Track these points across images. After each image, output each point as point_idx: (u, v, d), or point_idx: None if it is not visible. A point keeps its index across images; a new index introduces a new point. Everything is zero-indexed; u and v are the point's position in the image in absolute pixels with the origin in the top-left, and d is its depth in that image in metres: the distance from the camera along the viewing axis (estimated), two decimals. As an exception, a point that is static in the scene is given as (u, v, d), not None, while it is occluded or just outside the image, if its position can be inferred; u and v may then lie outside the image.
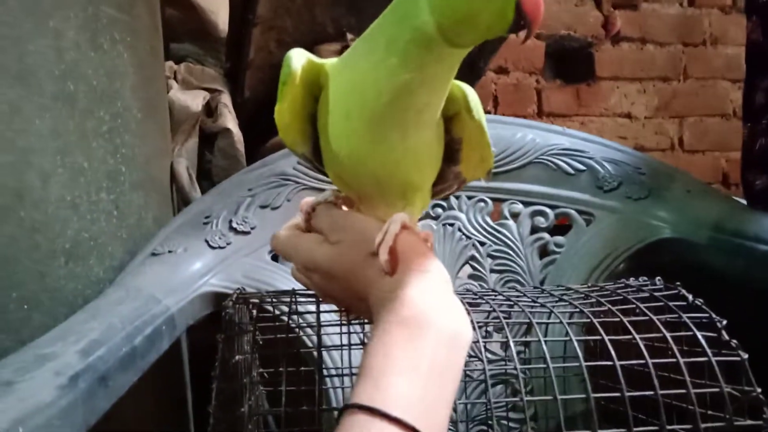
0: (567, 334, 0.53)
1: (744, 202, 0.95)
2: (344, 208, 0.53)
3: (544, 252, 0.91)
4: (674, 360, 0.47)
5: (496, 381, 0.85)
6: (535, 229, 0.92)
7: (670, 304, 0.52)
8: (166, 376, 0.98)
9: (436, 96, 0.46)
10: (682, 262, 0.85)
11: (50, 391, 0.50)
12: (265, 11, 1.20)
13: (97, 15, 0.85)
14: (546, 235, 0.91)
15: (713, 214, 0.84)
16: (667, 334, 0.47)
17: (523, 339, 0.81)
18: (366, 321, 0.64)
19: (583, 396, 0.49)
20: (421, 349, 0.39)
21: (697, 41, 2.21)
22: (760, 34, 0.98)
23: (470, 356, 0.77)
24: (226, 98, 1.29)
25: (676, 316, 0.51)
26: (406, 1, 0.44)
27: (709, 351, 0.47)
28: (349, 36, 1.28)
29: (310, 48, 1.33)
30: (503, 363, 0.82)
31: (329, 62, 0.50)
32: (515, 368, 0.54)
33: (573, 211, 0.92)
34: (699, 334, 0.48)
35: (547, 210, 0.92)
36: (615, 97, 2.12)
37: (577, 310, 0.53)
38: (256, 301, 0.66)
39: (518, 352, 0.86)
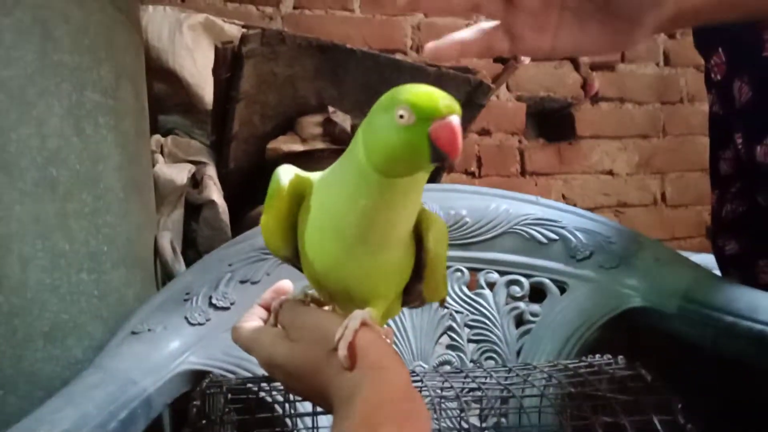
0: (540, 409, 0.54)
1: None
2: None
3: (520, 321, 0.92)
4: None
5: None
6: (510, 299, 0.94)
7: (630, 385, 0.54)
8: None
9: (399, 218, 0.49)
10: (652, 330, 0.86)
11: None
12: (249, 87, 1.24)
13: (81, 101, 0.89)
14: (521, 305, 0.93)
15: (682, 284, 0.85)
16: (625, 420, 0.48)
17: (519, 410, 0.81)
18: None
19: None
20: None
21: (674, 99, 2.27)
22: (719, 107, 1.03)
23: (450, 429, 0.78)
24: (211, 170, 1.32)
25: (631, 396, 0.52)
26: (355, 137, 0.48)
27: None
28: (330, 109, 1.32)
29: (293, 120, 1.37)
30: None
31: (314, 176, 0.53)
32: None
33: (547, 280, 0.93)
34: (656, 419, 0.49)
35: (522, 279, 0.94)
36: (596, 155, 2.17)
37: (540, 394, 0.54)
38: (223, 388, 0.67)
39: (495, 423, 0.86)
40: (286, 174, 0.54)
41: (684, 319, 0.81)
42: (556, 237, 0.96)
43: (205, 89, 1.49)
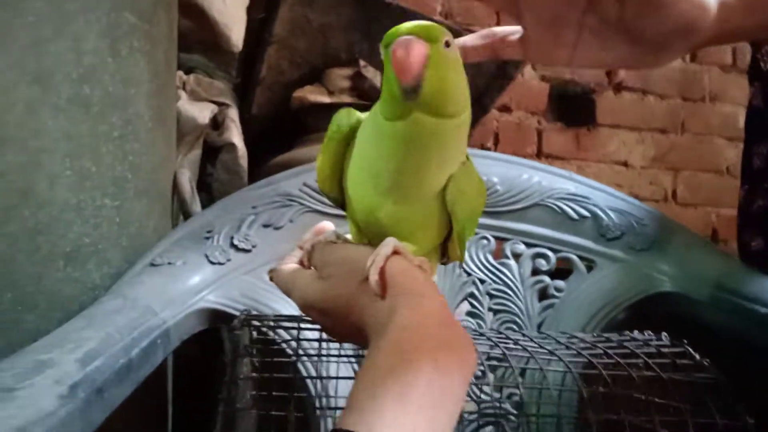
0: (573, 381, 0.52)
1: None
2: None
3: (543, 295, 0.91)
4: (684, 420, 0.47)
5: (486, 422, 0.84)
6: (536, 271, 0.92)
7: (678, 362, 0.52)
8: (149, 390, 0.97)
9: (425, 170, 0.46)
10: (680, 315, 0.85)
11: (51, 401, 0.48)
12: (282, 31, 1.21)
13: (119, 21, 0.85)
14: (546, 278, 0.91)
15: (714, 272, 0.84)
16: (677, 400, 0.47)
17: (539, 386, 0.80)
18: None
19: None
20: (413, 378, 0.38)
21: (697, 97, 2.25)
22: (761, 100, 1.00)
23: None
24: (233, 113, 1.29)
25: (683, 375, 0.51)
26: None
27: (716, 414, 0.47)
28: (362, 62, 1.29)
29: (321, 71, 1.34)
30: (495, 404, 0.82)
31: (363, 116, 0.51)
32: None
33: (575, 257, 0.92)
34: (707, 397, 0.48)
35: (549, 253, 0.93)
36: (614, 144, 2.15)
37: (585, 360, 0.53)
38: (258, 323, 0.65)
39: (510, 395, 0.85)
40: (349, 117, 0.52)
41: (715, 308, 0.80)
42: (587, 214, 0.94)
43: (232, 29, 1.45)
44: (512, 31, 0.53)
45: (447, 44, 0.43)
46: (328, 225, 0.56)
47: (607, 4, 0.49)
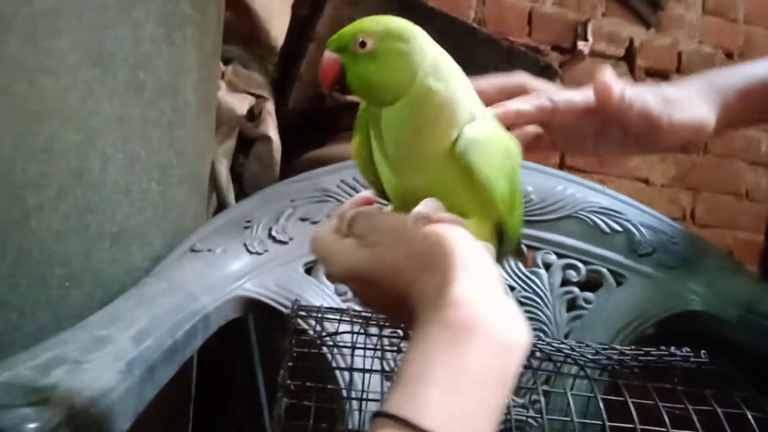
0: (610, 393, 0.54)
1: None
2: None
3: (571, 306, 0.92)
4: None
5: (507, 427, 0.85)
6: (565, 282, 0.93)
7: (720, 379, 0.54)
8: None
9: (417, 138, 0.47)
10: (708, 335, 0.86)
11: (113, 375, 0.50)
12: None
13: (174, 11, 0.87)
14: (576, 290, 0.92)
15: (745, 293, 0.85)
16: (720, 411, 0.49)
17: (581, 393, 0.81)
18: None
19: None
20: (464, 355, 0.36)
21: (721, 119, 2.25)
22: None
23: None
24: (270, 106, 1.31)
25: (723, 391, 0.52)
26: None
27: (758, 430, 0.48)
28: (400, 65, 1.30)
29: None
30: (521, 410, 0.83)
31: None
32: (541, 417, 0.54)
33: (605, 270, 0.93)
34: (749, 414, 0.49)
35: (580, 265, 0.94)
36: (636, 161, 2.15)
37: (626, 370, 0.54)
38: (305, 314, 0.67)
39: (534, 401, 0.87)
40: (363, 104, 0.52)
41: (745, 328, 0.81)
42: (620, 229, 0.95)
43: (272, 24, 1.47)
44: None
45: (362, 44, 0.46)
46: (368, 194, 0.54)
47: (613, 132, 0.62)
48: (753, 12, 2.31)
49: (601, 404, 0.48)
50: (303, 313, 0.64)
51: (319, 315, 0.69)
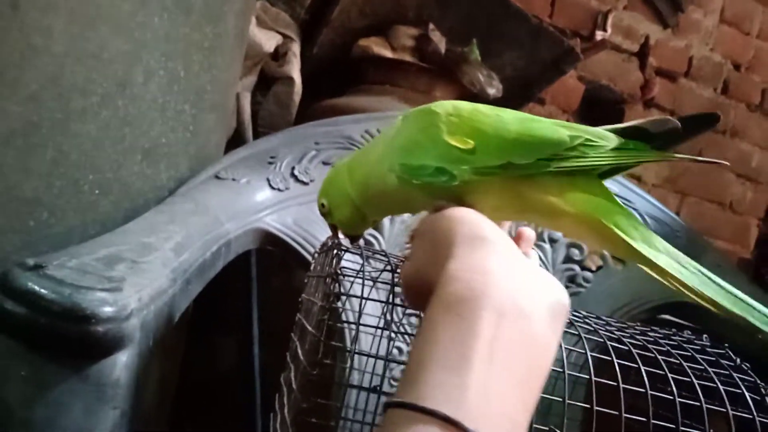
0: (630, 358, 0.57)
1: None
2: None
3: (570, 282, 0.96)
4: (723, 410, 0.52)
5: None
6: (567, 259, 0.97)
7: (721, 361, 0.57)
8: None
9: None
10: (699, 326, 0.91)
11: (164, 280, 0.52)
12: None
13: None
14: (577, 267, 0.96)
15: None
16: (721, 387, 0.52)
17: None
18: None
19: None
20: (469, 328, 0.33)
21: (719, 129, 2.30)
22: None
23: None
24: (296, 47, 1.31)
25: (726, 373, 0.56)
26: None
27: (755, 411, 0.52)
28: (431, 26, 1.31)
29: (389, 25, 1.35)
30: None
31: None
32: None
33: (607, 253, 0.97)
34: (748, 395, 0.53)
35: (584, 245, 0.97)
36: (632, 157, 2.19)
37: (640, 343, 0.58)
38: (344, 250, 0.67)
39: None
40: None
41: (733, 325, 0.85)
42: (626, 216, 0.98)
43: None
44: None
45: (322, 205, 0.56)
46: None
47: None
48: (767, 27, 2.34)
49: (590, 361, 0.51)
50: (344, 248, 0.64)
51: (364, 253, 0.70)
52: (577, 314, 0.74)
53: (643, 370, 0.54)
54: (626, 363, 0.58)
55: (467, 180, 0.46)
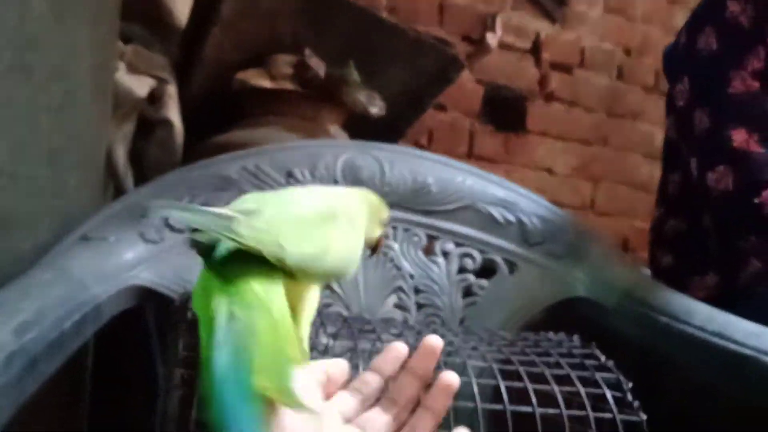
0: (491, 375, 0.57)
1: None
2: None
3: (467, 293, 0.96)
4: (584, 413, 0.52)
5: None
6: (462, 269, 0.97)
7: (585, 362, 0.58)
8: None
9: None
10: (592, 321, 0.92)
11: (-11, 370, 0.48)
12: (229, 12, 1.21)
13: (66, -12, 0.84)
14: (471, 277, 0.96)
15: (623, 282, 0.91)
16: (582, 390, 0.52)
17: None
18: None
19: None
20: None
21: (620, 113, 2.38)
22: (674, 132, 1.09)
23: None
24: (172, 89, 1.28)
25: (589, 373, 0.56)
26: None
27: (615, 409, 0.52)
28: (307, 51, 1.30)
29: (266, 55, 1.34)
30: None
31: None
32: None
33: (499, 259, 0.97)
34: (608, 393, 0.53)
35: (476, 254, 0.97)
36: (541, 151, 2.24)
37: (504, 356, 0.58)
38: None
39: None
40: None
41: (621, 315, 0.87)
42: (513, 219, 0.99)
43: (176, 3, 1.43)
44: None
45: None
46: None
47: None
48: (650, 11, 2.43)
49: (476, 388, 0.51)
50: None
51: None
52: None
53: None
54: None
55: None
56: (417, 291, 0.94)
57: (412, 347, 0.47)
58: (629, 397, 0.55)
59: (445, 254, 0.98)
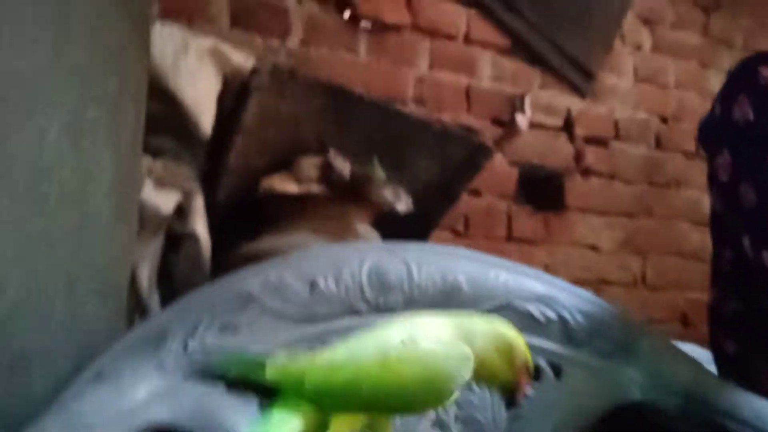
0: None
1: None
2: None
3: (509, 406, 0.88)
4: None
5: None
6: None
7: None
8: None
9: None
10: (650, 426, 0.83)
11: None
12: (251, 121, 1.21)
13: (81, 116, 0.84)
14: (512, 386, 0.89)
15: (683, 381, 0.83)
16: None
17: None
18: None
19: None
20: None
21: (662, 182, 2.30)
22: (720, 206, 1.03)
23: None
24: (198, 200, 1.27)
25: None
26: None
27: None
28: (331, 152, 1.29)
29: (290, 159, 1.33)
30: None
31: None
32: None
33: (543, 362, 0.90)
34: None
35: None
36: (582, 228, 2.17)
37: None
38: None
39: None
40: None
41: (684, 420, 0.78)
42: (554, 317, 0.93)
43: (201, 117, 1.45)
44: None
45: None
46: None
47: None
48: (683, 77, 2.39)
49: None
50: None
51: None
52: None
53: None
54: None
55: None
56: (456, 405, 0.87)
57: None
58: None
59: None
